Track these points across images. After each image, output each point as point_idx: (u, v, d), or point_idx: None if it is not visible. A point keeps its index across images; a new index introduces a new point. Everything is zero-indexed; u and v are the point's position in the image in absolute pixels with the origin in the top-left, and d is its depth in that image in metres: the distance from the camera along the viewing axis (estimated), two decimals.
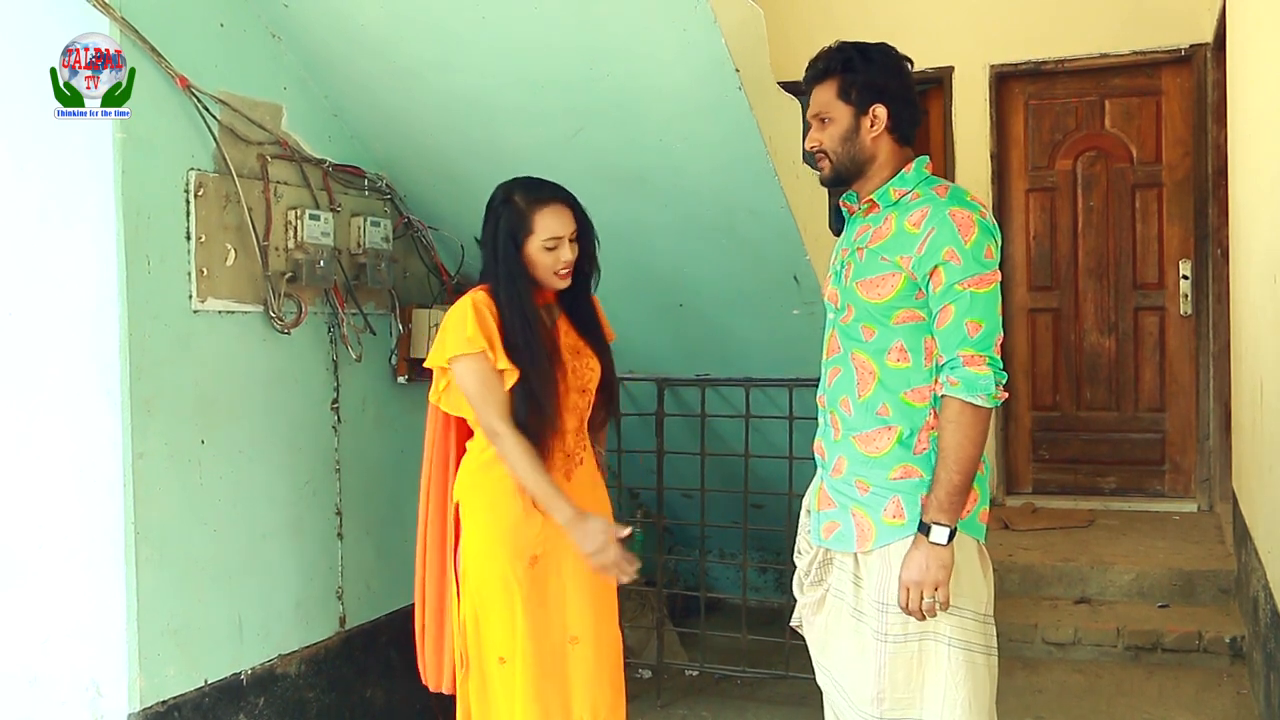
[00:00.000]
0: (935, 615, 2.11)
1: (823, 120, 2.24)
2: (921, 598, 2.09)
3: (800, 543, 2.41)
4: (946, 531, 2.09)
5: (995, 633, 2.23)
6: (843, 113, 2.22)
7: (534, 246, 2.53)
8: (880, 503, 2.18)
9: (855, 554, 2.23)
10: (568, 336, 2.64)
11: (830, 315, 2.33)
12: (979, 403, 2.07)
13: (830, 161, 2.25)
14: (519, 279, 2.54)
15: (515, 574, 2.53)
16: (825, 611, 2.31)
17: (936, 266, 2.10)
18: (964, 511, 2.14)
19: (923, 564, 2.09)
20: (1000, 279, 2.14)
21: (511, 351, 2.50)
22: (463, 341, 2.50)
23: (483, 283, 2.60)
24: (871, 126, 2.21)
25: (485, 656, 2.57)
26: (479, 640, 2.57)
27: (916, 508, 2.14)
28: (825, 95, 2.24)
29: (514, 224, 2.53)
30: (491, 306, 2.53)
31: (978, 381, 2.07)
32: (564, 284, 2.57)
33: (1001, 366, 2.11)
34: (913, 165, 2.24)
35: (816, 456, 2.38)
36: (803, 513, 2.42)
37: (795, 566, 2.40)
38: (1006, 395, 2.12)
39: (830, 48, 2.26)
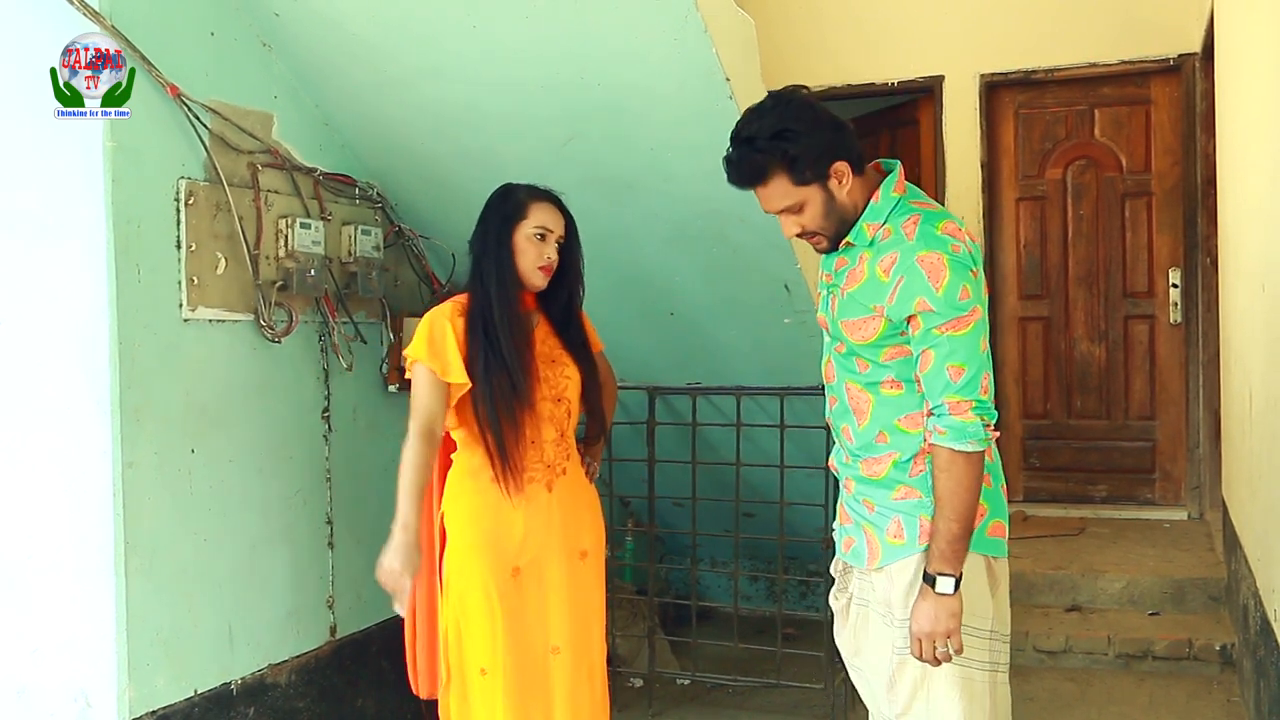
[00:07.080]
0: (950, 661, 2.08)
1: (794, 210, 2.11)
2: (935, 646, 2.06)
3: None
4: (951, 581, 2.04)
5: (1005, 650, 2.19)
6: (810, 193, 2.08)
7: (523, 234, 2.57)
8: (884, 522, 2.18)
9: (868, 570, 2.23)
10: (545, 344, 2.65)
11: (826, 340, 2.31)
12: (969, 449, 2.02)
13: (824, 236, 2.15)
14: (506, 271, 2.56)
15: (496, 585, 2.55)
16: (851, 620, 2.31)
17: (911, 315, 2.05)
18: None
19: (932, 615, 2.05)
20: (982, 315, 2.04)
21: (474, 361, 2.53)
22: (418, 350, 2.55)
23: (467, 288, 2.61)
24: (841, 183, 2.09)
25: (466, 667, 2.58)
26: (460, 651, 2.58)
27: (915, 527, 2.12)
28: (779, 190, 2.08)
29: (509, 211, 2.59)
30: (457, 320, 2.56)
31: (965, 430, 2.02)
32: (542, 283, 2.59)
33: (991, 406, 2.05)
34: (880, 193, 2.13)
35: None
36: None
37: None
38: (998, 434, 2.07)
39: (738, 149, 2.07)
